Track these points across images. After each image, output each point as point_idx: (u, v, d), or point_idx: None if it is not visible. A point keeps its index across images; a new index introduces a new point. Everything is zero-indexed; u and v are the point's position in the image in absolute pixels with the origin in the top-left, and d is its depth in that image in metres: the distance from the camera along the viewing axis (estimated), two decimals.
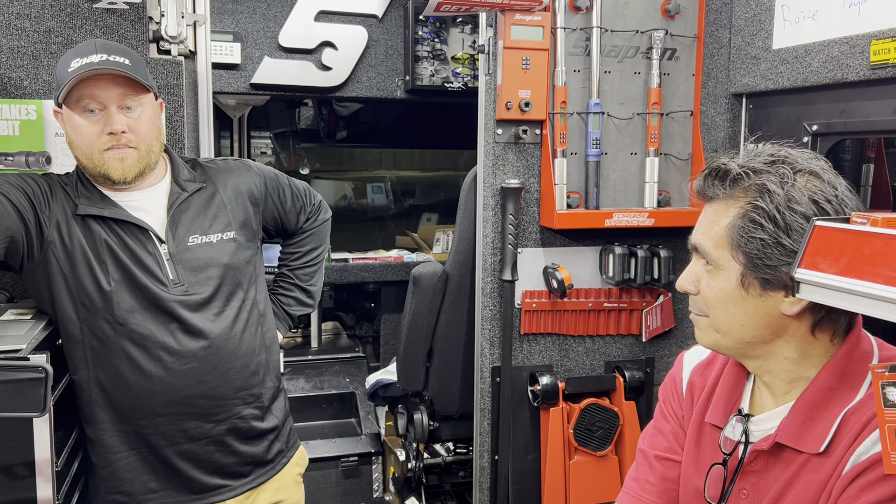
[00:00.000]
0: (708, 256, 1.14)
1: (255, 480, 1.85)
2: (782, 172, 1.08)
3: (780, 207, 1.06)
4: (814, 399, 1.12)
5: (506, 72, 2.25)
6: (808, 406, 1.12)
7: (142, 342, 1.66)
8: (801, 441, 1.11)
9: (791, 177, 1.08)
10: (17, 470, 1.50)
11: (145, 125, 1.67)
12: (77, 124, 1.62)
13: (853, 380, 1.10)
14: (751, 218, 1.08)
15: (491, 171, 2.34)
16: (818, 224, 0.95)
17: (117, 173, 1.64)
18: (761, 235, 1.07)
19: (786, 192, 1.06)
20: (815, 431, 1.10)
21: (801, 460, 1.11)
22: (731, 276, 1.11)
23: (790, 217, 1.06)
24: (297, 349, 3.87)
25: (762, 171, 1.10)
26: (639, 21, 2.39)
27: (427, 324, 2.64)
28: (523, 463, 2.45)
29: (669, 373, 1.42)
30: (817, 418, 1.10)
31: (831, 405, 1.10)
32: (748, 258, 1.08)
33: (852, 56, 1.86)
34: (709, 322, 1.17)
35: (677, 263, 2.47)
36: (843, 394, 1.10)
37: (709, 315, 1.16)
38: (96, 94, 1.61)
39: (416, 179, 5.21)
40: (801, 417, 1.12)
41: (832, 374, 1.11)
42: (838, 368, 1.11)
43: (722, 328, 1.15)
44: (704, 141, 2.44)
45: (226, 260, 1.76)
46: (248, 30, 3.36)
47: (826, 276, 0.91)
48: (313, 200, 2.07)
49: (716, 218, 1.14)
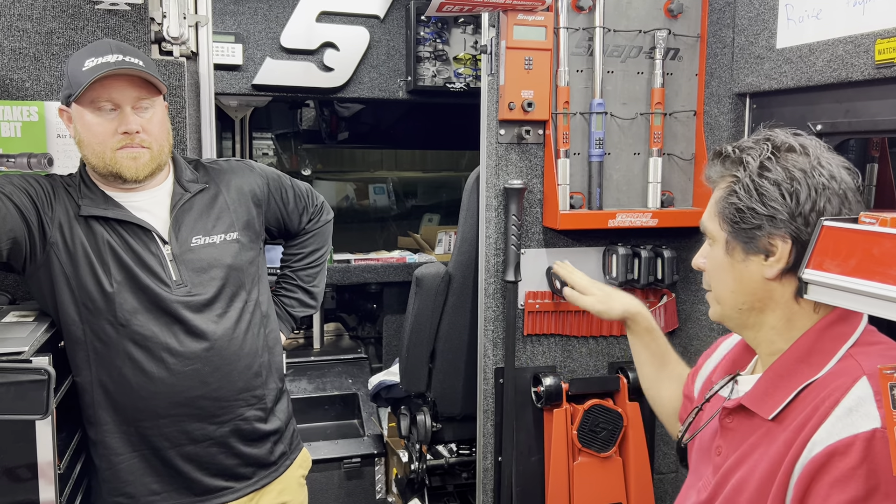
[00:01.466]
0: (706, 230, 1.27)
1: (258, 482, 1.84)
2: (763, 147, 1.18)
3: (752, 175, 1.16)
4: (780, 369, 1.19)
5: (508, 72, 2.24)
6: (774, 374, 1.20)
7: (144, 343, 1.66)
8: (759, 405, 1.19)
9: (769, 150, 1.17)
10: (19, 473, 1.49)
11: (157, 126, 1.67)
12: (90, 123, 1.62)
13: (820, 357, 1.14)
14: (730, 189, 1.20)
15: (494, 172, 2.33)
16: (826, 224, 0.95)
17: (130, 172, 1.64)
18: (736, 202, 1.18)
19: (759, 163, 1.16)
20: (773, 398, 1.17)
21: (764, 429, 1.18)
22: (720, 246, 1.23)
23: (760, 183, 1.15)
24: (300, 350, 3.86)
25: (748, 148, 1.20)
26: (642, 21, 2.38)
27: (430, 325, 2.64)
28: (527, 464, 2.44)
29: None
30: (779, 387, 1.17)
31: (793, 377, 1.16)
32: (730, 225, 1.19)
33: (857, 55, 1.85)
34: (713, 295, 1.28)
35: (681, 264, 2.47)
36: (807, 368, 1.15)
37: (711, 288, 1.28)
38: (112, 95, 1.61)
39: (418, 180, 5.21)
40: (765, 384, 1.20)
41: (801, 349, 1.18)
42: (809, 344, 1.17)
43: (720, 297, 1.26)
44: (708, 141, 2.43)
45: (229, 261, 1.75)
46: (250, 31, 3.36)
47: (834, 276, 0.91)
48: (315, 201, 2.06)
49: (714, 197, 1.26)
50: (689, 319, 2.55)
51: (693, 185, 2.48)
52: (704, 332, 2.52)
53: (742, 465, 1.18)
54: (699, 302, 2.52)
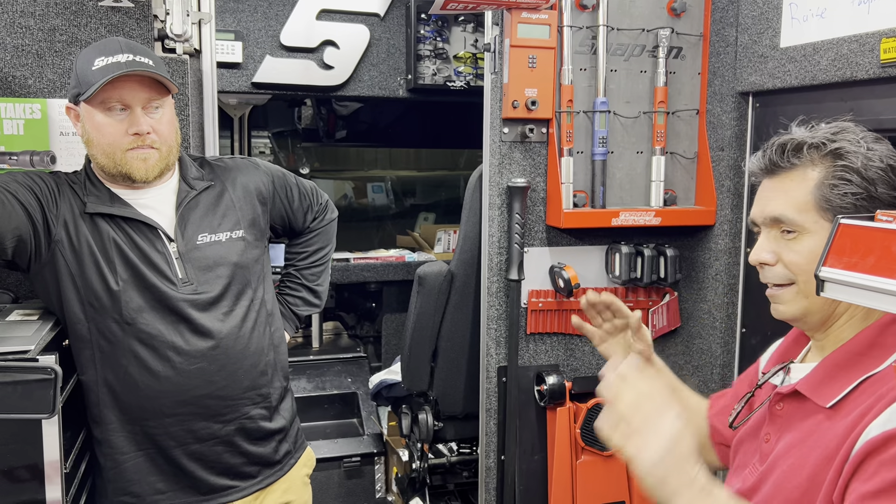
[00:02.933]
0: (792, 223, 1.19)
1: (263, 481, 1.84)
2: (852, 138, 1.18)
3: (863, 163, 1.15)
4: (840, 359, 1.17)
5: (512, 70, 2.24)
6: (833, 364, 1.18)
7: (150, 342, 1.65)
8: (816, 392, 1.17)
9: (860, 140, 1.18)
10: (26, 472, 1.48)
11: (167, 126, 1.66)
12: (100, 123, 1.61)
13: (882, 350, 1.14)
14: (839, 177, 1.16)
15: (497, 170, 2.33)
16: (843, 222, 0.95)
17: (140, 173, 1.63)
18: (853, 190, 1.15)
19: (863, 151, 1.16)
20: (831, 388, 1.16)
21: (819, 417, 1.16)
22: (819, 237, 1.16)
23: (872, 171, 1.15)
24: (299, 349, 3.85)
25: (832, 139, 1.18)
26: (645, 19, 2.38)
27: (432, 323, 2.63)
28: (530, 463, 2.44)
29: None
30: (837, 376, 1.16)
31: (854, 368, 1.14)
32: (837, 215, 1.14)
33: (862, 54, 1.86)
34: (796, 290, 1.21)
35: (684, 262, 2.47)
36: (868, 361, 1.14)
37: (797, 281, 1.20)
38: (123, 96, 1.60)
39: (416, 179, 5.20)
40: (822, 372, 1.19)
41: (863, 342, 1.16)
42: (871, 337, 1.16)
43: (813, 290, 1.18)
44: (710, 140, 2.44)
45: (235, 259, 1.75)
46: (250, 28, 3.35)
47: (852, 274, 0.90)
48: (320, 200, 2.06)
49: (792, 186, 1.20)
50: (692, 318, 2.56)
51: (695, 184, 2.48)
52: (706, 331, 2.52)
53: (793, 452, 1.18)
54: (701, 301, 2.53)
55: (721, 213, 2.43)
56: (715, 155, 2.43)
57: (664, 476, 1.06)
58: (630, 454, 1.09)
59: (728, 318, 2.49)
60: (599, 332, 1.56)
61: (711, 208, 2.42)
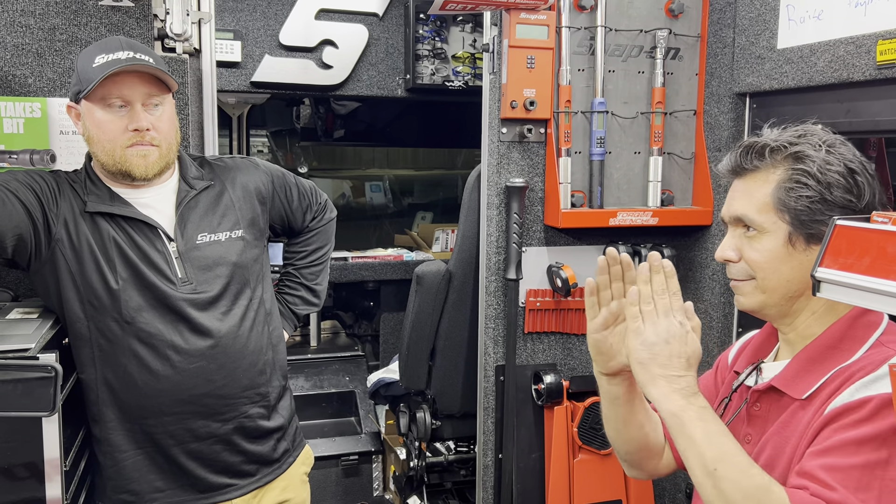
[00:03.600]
0: (752, 222, 1.23)
1: (261, 479, 1.84)
2: (813, 141, 1.21)
3: (820, 167, 1.18)
4: (813, 353, 1.22)
5: (511, 70, 2.25)
6: (806, 358, 1.22)
7: (149, 341, 1.66)
8: (791, 387, 1.22)
9: (821, 144, 1.21)
10: (25, 470, 1.48)
11: (167, 123, 1.67)
12: (100, 120, 1.61)
13: (853, 343, 1.18)
14: (795, 180, 1.19)
15: (495, 170, 2.34)
16: (839, 223, 0.96)
17: (139, 170, 1.64)
18: (808, 193, 1.18)
19: (822, 156, 1.19)
20: (806, 380, 1.20)
21: (793, 409, 1.21)
22: (777, 237, 1.21)
23: (829, 175, 1.18)
24: (296, 348, 3.86)
25: (795, 142, 1.22)
26: (643, 20, 2.39)
27: (430, 322, 2.64)
28: (527, 461, 2.45)
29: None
30: (811, 370, 1.20)
31: (826, 361, 1.19)
32: (795, 216, 1.19)
33: (858, 56, 1.87)
34: (755, 284, 1.25)
35: (681, 262, 2.48)
36: (839, 353, 1.19)
37: (755, 277, 1.25)
38: (123, 92, 1.60)
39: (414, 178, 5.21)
40: (797, 367, 1.23)
41: (834, 335, 1.21)
42: (841, 331, 1.20)
43: (769, 286, 1.24)
44: (708, 140, 2.45)
45: (234, 258, 1.75)
46: (249, 28, 3.35)
47: (847, 274, 0.91)
48: (319, 199, 2.06)
49: (755, 187, 1.24)
50: None
51: (693, 184, 2.49)
52: (703, 331, 2.50)
53: (769, 445, 1.22)
54: (698, 300, 2.54)
55: (718, 213, 2.44)
56: (712, 155, 2.44)
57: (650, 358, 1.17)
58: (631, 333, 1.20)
59: (725, 317, 2.50)
60: (603, 314, 1.34)
61: (708, 208, 2.43)
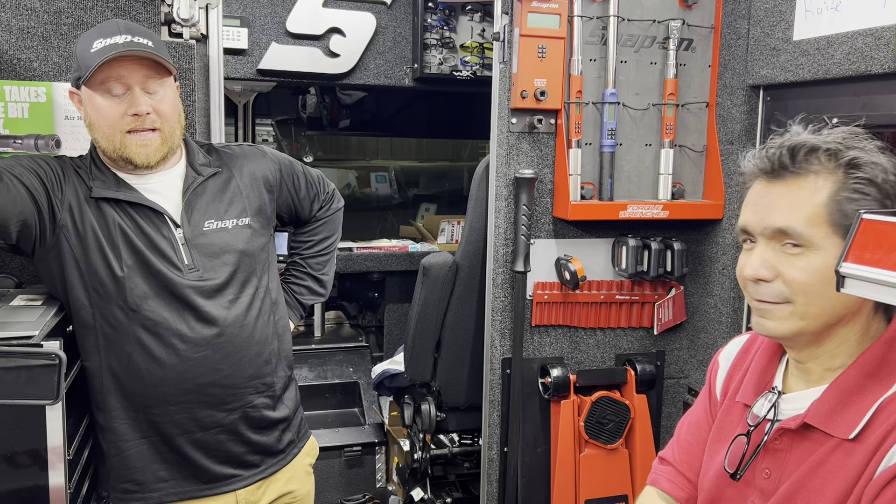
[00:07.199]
0: (800, 237, 1.07)
1: (266, 470, 1.83)
2: (866, 147, 1.08)
3: (881, 175, 1.06)
4: (849, 384, 1.09)
5: (521, 60, 2.22)
6: (842, 390, 1.09)
7: (155, 329, 1.63)
8: (832, 424, 1.08)
9: (874, 149, 1.08)
10: (28, 458, 1.47)
11: (168, 107, 1.64)
12: (99, 105, 1.59)
13: (890, 369, 1.08)
14: (857, 189, 1.05)
15: (504, 161, 2.31)
16: (865, 217, 0.93)
17: (140, 158, 1.61)
18: (870, 205, 1.04)
19: (882, 162, 1.07)
20: (848, 416, 1.07)
21: (831, 445, 1.09)
22: (828, 255, 1.05)
23: (889, 184, 1.06)
24: (300, 338, 3.84)
25: (847, 146, 1.08)
26: (656, 10, 2.36)
27: (436, 314, 2.62)
28: (533, 455, 2.43)
29: (706, 379, 1.40)
30: (850, 403, 1.08)
31: (866, 392, 1.07)
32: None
33: (877, 48, 1.84)
34: (792, 309, 1.09)
35: (691, 256, 2.46)
36: (879, 382, 1.07)
37: (794, 301, 1.09)
38: (122, 76, 1.57)
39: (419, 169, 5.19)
40: (833, 401, 1.10)
41: (870, 363, 1.09)
42: (878, 356, 1.09)
43: (811, 313, 1.08)
44: (720, 133, 2.42)
45: (241, 246, 1.73)
46: (256, 15, 3.32)
47: (875, 270, 0.89)
48: (327, 189, 2.04)
49: (803, 196, 1.08)
50: (697, 312, 2.54)
51: (704, 178, 2.46)
52: (712, 326, 2.51)
53: (808, 486, 1.10)
54: (707, 295, 2.51)
55: (729, 207, 2.41)
56: (724, 148, 2.41)
57: None
58: None
59: (734, 312, 2.47)
60: None
61: (720, 202, 2.40)
